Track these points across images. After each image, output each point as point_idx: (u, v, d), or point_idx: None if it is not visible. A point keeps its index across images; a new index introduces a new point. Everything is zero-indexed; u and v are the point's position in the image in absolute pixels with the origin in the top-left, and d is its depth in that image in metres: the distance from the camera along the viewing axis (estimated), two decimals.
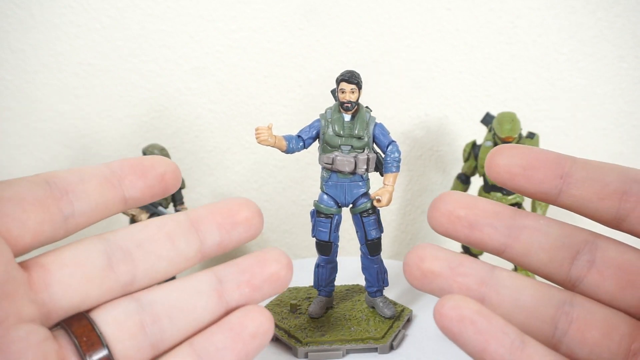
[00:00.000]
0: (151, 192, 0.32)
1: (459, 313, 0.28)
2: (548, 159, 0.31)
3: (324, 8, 0.79)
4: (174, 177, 0.33)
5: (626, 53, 0.80)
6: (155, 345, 0.29)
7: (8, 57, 0.80)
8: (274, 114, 0.82)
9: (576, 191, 0.30)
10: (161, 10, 0.79)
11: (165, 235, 0.31)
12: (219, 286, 0.31)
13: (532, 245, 0.30)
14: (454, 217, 0.30)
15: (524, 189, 0.31)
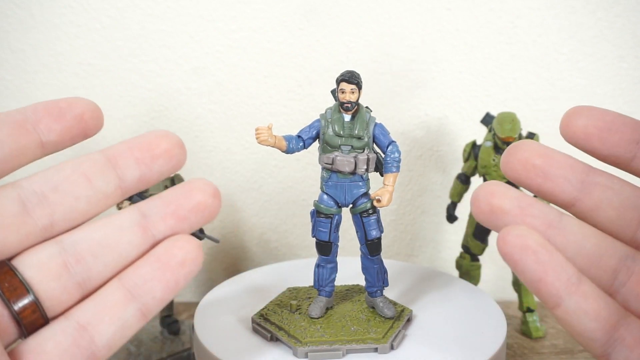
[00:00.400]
0: (70, 135, 0.31)
1: (523, 242, 0.28)
2: (626, 124, 0.32)
3: (324, 8, 0.79)
4: (93, 116, 0.32)
5: (626, 53, 0.80)
6: (82, 284, 0.29)
7: (8, 57, 0.80)
8: (274, 114, 0.82)
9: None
10: (161, 10, 0.79)
11: (82, 175, 0.31)
12: (143, 220, 0.31)
13: (602, 202, 0.31)
14: (529, 165, 0.30)
15: (597, 151, 0.31)
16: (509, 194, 0.30)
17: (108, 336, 0.29)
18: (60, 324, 0.29)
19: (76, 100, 0.31)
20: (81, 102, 0.32)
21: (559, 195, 0.31)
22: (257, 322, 0.56)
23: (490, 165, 0.70)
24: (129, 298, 0.29)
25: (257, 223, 0.87)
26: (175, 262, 0.30)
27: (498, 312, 0.59)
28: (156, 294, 0.29)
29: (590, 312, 0.28)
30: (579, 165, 0.31)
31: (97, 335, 0.29)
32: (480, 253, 0.74)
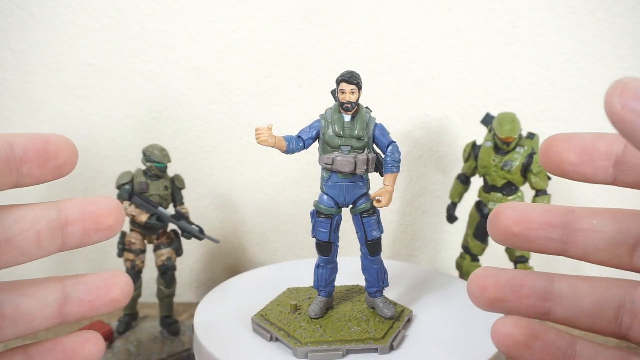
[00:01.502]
0: (46, 178, 0.33)
1: (513, 340, 0.31)
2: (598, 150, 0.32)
3: (324, 8, 0.79)
4: (70, 161, 0.34)
5: (626, 53, 0.80)
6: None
7: (8, 57, 0.80)
8: (274, 114, 0.82)
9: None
10: (161, 10, 0.79)
11: (35, 235, 0.32)
12: (63, 301, 0.34)
13: (589, 248, 0.33)
14: (510, 235, 0.33)
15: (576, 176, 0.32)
16: (499, 281, 0.32)
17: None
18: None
19: (61, 147, 0.33)
20: (64, 149, 0.33)
21: (547, 250, 0.33)
22: (257, 322, 0.56)
23: (490, 165, 0.70)
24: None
25: (257, 223, 0.87)
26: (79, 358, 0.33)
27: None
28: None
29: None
30: (556, 217, 0.33)
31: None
32: (480, 253, 0.74)
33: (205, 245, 0.86)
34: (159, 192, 0.68)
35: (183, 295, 0.87)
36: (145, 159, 0.68)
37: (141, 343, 0.68)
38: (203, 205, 0.85)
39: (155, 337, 0.70)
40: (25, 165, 0.32)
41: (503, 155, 0.70)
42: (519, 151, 0.69)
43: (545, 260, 0.86)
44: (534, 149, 0.70)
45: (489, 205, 0.71)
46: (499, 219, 0.32)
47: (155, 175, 0.68)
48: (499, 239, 0.33)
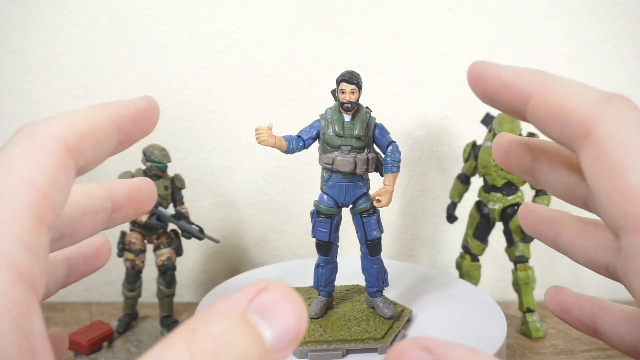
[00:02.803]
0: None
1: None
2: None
3: (324, 8, 0.79)
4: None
5: (626, 53, 0.80)
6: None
7: (8, 57, 0.80)
8: (274, 114, 0.82)
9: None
10: (161, 10, 0.79)
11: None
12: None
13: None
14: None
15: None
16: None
17: None
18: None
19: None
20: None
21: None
22: None
23: (490, 165, 0.70)
24: None
25: (257, 223, 0.87)
26: None
27: (498, 312, 0.59)
28: None
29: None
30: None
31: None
32: (480, 253, 0.74)
33: (205, 245, 0.86)
34: (159, 192, 0.68)
35: (183, 295, 0.87)
36: (145, 159, 0.68)
37: (141, 343, 0.68)
38: (203, 205, 0.85)
39: (155, 337, 0.70)
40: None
41: None
42: None
43: (546, 260, 0.86)
44: None
45: (489, 205, 0.71)
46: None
47: (155, 175, 0.68)
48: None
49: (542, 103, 0.28)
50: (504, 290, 0.83)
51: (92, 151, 0.27)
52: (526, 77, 0.29)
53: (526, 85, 0.29)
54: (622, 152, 0.24)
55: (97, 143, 0.28)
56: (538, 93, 0.29)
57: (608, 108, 0.26)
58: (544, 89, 0.29)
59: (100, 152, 0.28)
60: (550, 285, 0.37)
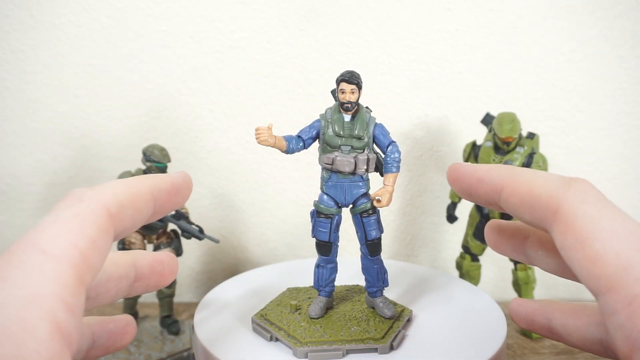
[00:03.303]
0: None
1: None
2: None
3: (324, 8, 0.79)
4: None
5: (626, 53, 0.80)
6: None
7: (8, 57, 0.80)
8: (274, 114, 0.82)
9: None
10: (161, 10, 0.79)
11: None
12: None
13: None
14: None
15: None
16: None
17: None
18: None
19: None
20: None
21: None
22: (257, 322, 0.56)
23: None
24: None
25: (257, 223, 0.87)
26: None
27: (498, 312, 0.59)
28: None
29: None
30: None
31: None
32: (480, 253, 0.74)
33: (205, 245, 0.86)
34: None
35: (183, 295, 0.87)
36: (145, 159, 0.68)
37: (141, 343, 0.68)
38: (203, 205, 0.85)
39: (155, 337, 0.70)
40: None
41: (503, 155, 0.70)
42: (519, 151, 0.69)
43: None
44: (534, 149, 0.70)
45: None
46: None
47: None
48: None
49: (513, 192, 0.31)
50: (504, 290, 0.83)
51: (130, 220, 0.30)
52: (496, 172, 0.33)
53: (497, 179, 0.32)
54: (585, 224, 0.27)
55: (136, 212, 0.30)
56: (509, 184, 0.32)
57: (570, 189, 0.29)
58: (513, 180, 0.32)
59: (137, 221, 0.31)
60: (549, 285, 0.37)
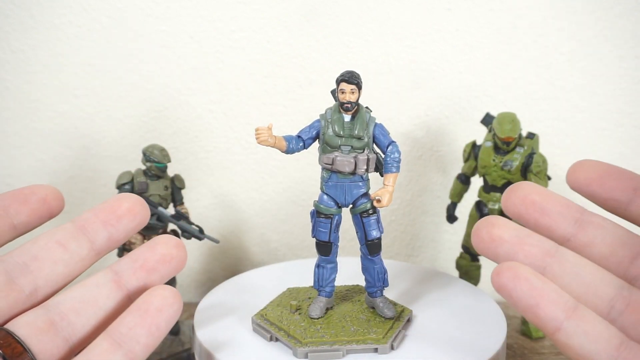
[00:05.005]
0: (37, 216, 0.36)
1: (515, 272, 0.29)
2: (625, 173, 0.33)
3: (324, 8, 0.79)
4: (55, 198, 0.36)
5: (626, 53, 0.80)
6: (68, 339, 0.33)
7: (8, 57, 0.80)
8: (274, 114, 0.82)
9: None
10: (161, 10, 0.79)
11: (56, 243, 0.34)
12: (116, 277, 0.35)
13: (596, 239, 0.32)
14: (528, 201, 0.32)
15: (597, 195, 0.33)
16: (509, 225, 0.32)
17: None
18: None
19: (38, 187, 0.36)
20: (43, 188, 0.36)
21: (555, 231, 0.33)
22: (257, 322, 0.56)
23: (490, 165, 0.70)
24: (115, 347, 0.31)
25: (257, 223, 0.87)
26: (154, 308, 0.32)
27: (498, 312, 0.59)
28: (140, 339, 0.32)
29: (591, 334, 0.28)
30: (574, 205, 0.33)
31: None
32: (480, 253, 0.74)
33: (205, 245, 0.86)
34: (159, 192, 0.68)
35: (183, 295, 0.87)
36: (145, 159, 0.68)
37: None
38: (203, 205, 0.85)
39: None
40: (10, 207, 0.35)
41: (503, 155, 0.70)
42: (519, 151, 0.69)
43: None
44: (534, 148, 0.70)
45: (489, 205, 0.71)
46: (519, 188, 0.32)
47: (155, 175, 0.68)
48: (514, 203, 0.32)
49: None
50: None
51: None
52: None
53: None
54: None
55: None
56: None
57: None
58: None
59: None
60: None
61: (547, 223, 0.32)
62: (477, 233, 0.31)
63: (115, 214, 0.35)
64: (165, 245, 0.35)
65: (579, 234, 0.32)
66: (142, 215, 0.36)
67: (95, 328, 0.33)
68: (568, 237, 0.32)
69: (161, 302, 0.32)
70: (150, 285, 0.35)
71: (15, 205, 0.35)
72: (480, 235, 0.31)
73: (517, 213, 0.32)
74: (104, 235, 0.35)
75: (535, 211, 0.32)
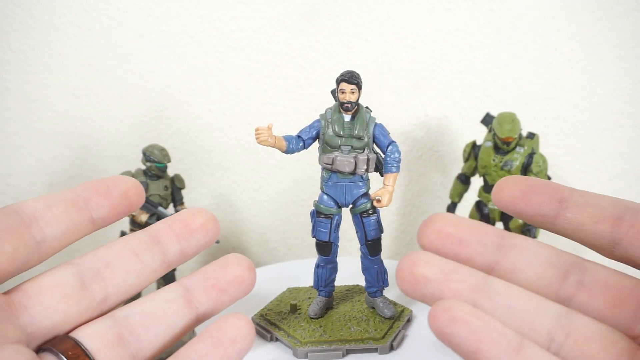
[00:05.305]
0: (117, 211, 0.34)
1: (451, 314, 0.28)
2: (547, 186, 0.32)
3: (324, 8, 0.79)
4: (137, 193, 0.35)
5: (626, 53, 0.80)
6: (134, 354, 0.32)
7: (8, 57, 0.80)
8: (274, 114, 0.82)
9: (572, 214, 0.31)
10: (161, 10, 0.79)
11: (130, 252, 0.34)
12: (186, 294, 0.34)
13: (521, 263, 0.31)
14: (443, 235, 0.31)
15: (524, 212, 0.31)
16: (432, 261, 0.30)
17: None
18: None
19: (121, 179, 0.35)
20: (125, 180, 0.35)
21: (477, 261, 0.31)
22: (257, 322, 0.56)
23: (490, 165, 0.70)
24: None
25: (257, 223, 0.87)
26: (227, 339, 0.31)
27: None
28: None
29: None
30: (493, 230, 0.32)
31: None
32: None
33: None
34: (159, 192, 0.68)
35: None
36: (145, 159, 0.68)
37: None
38: (203, 205, 0.85)
39: None
40: (91, 200, 0.33)
41: (503, 155, 0.70)
42: (519, 151, 0.69)
43: None
44: (534, 149, 0.70)
45: (489, 205, 0.71)
46: (433, 221, 0.31)
47: (155, 175, 0.68)
48: (430, 239, 0.31)
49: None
50: None
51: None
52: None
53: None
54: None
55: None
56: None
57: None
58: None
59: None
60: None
61: (468, 254, 0.31)
62: (400, 274, 0.30)
63: (189, 228, 0.35)
64: (238, 267, 0.34)
65: (503, 260, 0.31)
66: (214, 232, 0.35)
67: (161, 346, 0.33)
68: (492, 265, 0.31)
69: (236, 332, 0.31)
70: (220, 306, 0.34)
71: (96, 198, 0.33)
72: (403, 277, 0.30)
73: (434, 248, 0.31)
74: (176, 249, 0.35)
75: (453, 244, 0.31)
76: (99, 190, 0.33)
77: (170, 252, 0.35)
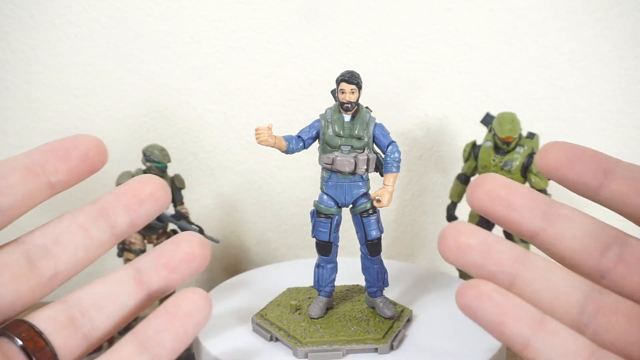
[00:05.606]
0: (76, 173, 0.34)
1: (478, 291, 0.29)
2: (594, 155, 0.32)
3: (324, 8, 0.79)
4: (98, 152, 0.34)
5: (626, 53, 0.80)
6: (87, 335, 0.32)
7: (8, 57, 0.80)
8: (274, 114, 0.82)
9: (616, 186, 0.31)
10: (161, 10, 0.79)
11: (78, 227, 0.33)
12: (137, 274, 0.34)
13: (566, 232, 0.31)
14: (494, 196, 0.31)
15: (567, 179, 0.31)
16: (475, 231, 0.31)
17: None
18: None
19: (80, 139, 0.34)
20: (85, 140, 0.34)
21: (523, 225, 0.31)
22: (257, 322, 0.56)
23: (490, 165, 0.70)
24: (141, 350, 0.31)
25: (257, 223, 0.87)
26: (183, 313, 0.31)
27: None
28: (167, 344, 0.31)
29: (559, 348, 0.28)
30: (541, 197, 0.32)
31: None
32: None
33: None
34: None
35: None
36: (145, 159, 0.68)
37: None
38: (203, 205, 0.85)
39: None
40: (48, 164, 0.32)
41: (503, 155, 0.70)
42: (519, 151, 0.69)
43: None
44: (534, 148, 0.70)
45: None
46: (485, 182, 0.31)
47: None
48: (479, 198, 0.31)
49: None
50: None
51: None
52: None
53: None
54: None
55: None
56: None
57: None
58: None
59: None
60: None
61: (515, 218, 0.31)
62: (443, 242, 0.30)
63: (138, 198, 0.34)
64: (189, 244, 0.34)
65: (548, 228, 0.31)
66: (164, 200, 0.35)
67: (114, 325, 0.33)
68: (537, 231, 0.31)
69: (191, 306, 0.31)
70: (172, 284, 0.34)
71: (54, 161, 0.32)
72: (447, 245, 0.30)
73: (483, 208, 0.31)
74: (125, 221, 0.34)
75: (502, 206, 0.31)
76: (57, 153, 0.33)
77: (119, 224, 0.34)
